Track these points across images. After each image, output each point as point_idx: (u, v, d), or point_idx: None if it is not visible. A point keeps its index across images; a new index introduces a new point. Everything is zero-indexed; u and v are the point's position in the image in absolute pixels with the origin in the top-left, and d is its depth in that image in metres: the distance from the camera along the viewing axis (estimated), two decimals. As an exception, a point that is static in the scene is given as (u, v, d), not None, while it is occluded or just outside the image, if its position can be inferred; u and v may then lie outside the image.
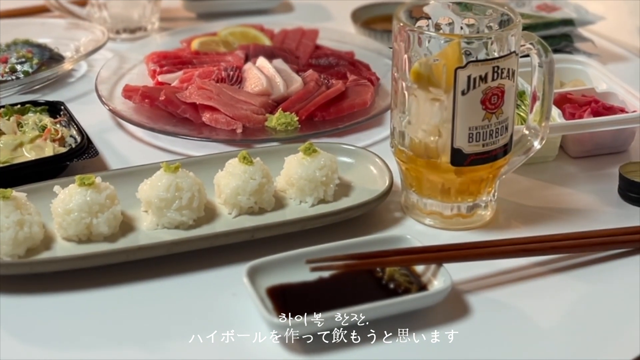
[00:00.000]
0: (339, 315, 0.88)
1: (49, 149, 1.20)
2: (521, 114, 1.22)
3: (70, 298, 0.97)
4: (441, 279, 0.94)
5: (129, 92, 1.40)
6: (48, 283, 0.98)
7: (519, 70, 1.04)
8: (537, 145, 1.10)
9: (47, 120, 1.28)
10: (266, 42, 1.60)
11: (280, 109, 1.35)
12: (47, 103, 1.33)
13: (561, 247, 1.02)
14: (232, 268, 1.01)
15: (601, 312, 0.95)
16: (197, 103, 1.34)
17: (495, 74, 0.99)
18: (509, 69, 1.00)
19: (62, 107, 1.32)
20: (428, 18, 1.06)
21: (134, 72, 1.53)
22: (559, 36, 1.59)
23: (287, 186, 1.12)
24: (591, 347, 0.90)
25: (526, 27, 1.04)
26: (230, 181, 1.08)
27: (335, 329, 0.90)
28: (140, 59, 1.56)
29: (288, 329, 0.88)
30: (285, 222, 1.05)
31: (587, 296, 0.98)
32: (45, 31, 1.68)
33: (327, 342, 0.89)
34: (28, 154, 1.20)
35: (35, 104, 1.33)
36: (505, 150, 1.05)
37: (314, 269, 0.93)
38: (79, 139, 1.23)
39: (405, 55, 1.01)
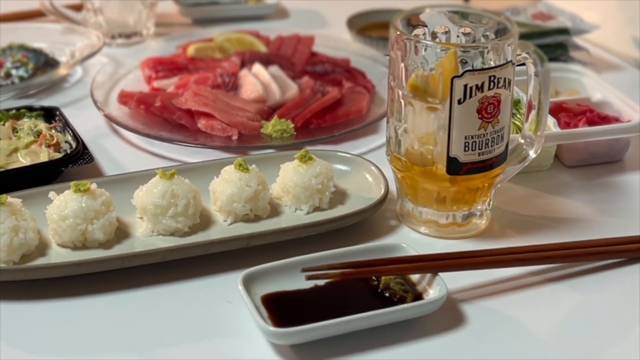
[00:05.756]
0: (334, 324, 0.88)
1: (44, 155, 1.20)
2: (517, 122, 1.22)
3: (65, 304, 0.97)
4: (436, 287, 0.94)
5: (125, 98, 1.40)
6: (43, 289, 0.98)
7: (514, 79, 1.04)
8: (532, 154, 1.10)
9: (42, 125, 1.27)
10: (262, 48, 1.60)
11: (276, 115, 1.35)
12: (43, 108, 1.33)
13: (556, 257, 1.02)
14: (227, 275, 1.01)
15: (596, 322, 0.95)
16: (193, 109, 1.34)
17: (492, 83, 0.99)
18: (505, 79, 1.00)
19: (58, 113, 1.32)
20: (424, 26, 1.06)
21: (129, 77, 1.53)
22: (553, 45, 1.59)
23: (283, 193, 1.12)
24: (586, 357, 0.90)
25: (522, 36, 1.04)
26: (226, 188, 1.07)
27: (330, 337, 0.89)
28: (135, 65, 1.56)
29: (283, 337, 0.88)
30: (280, 230, 1.05)
31: (583, 306, 0.98)
32: (40, 36, 1.68)
33: (321, 350, 0.89)
34: (23, 160, 1.19)
35: (30, 109, 1.33)
36: (500, 159, 1.05)
37: (309, 278, 0.93)
38: (74, 145, 1.23)
39: (402, 64, 1.02)
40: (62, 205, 1.02)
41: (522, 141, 1.10)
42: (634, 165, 1.26)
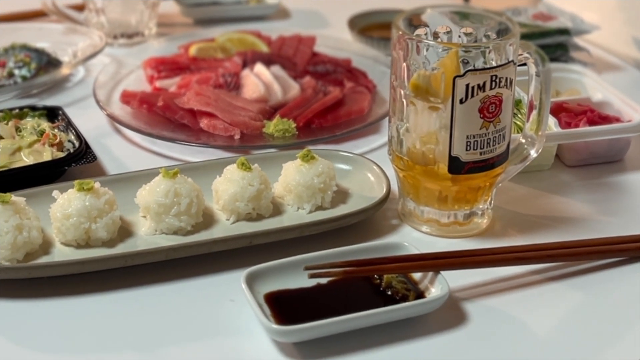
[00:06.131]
0: (337, 322, 0.88)
1: (47, 154, 1.20)
2: (517, 122, 1.22)
3: (69, 303, 0.97)
4: (438, 286, 0.94)
5: (127, 98, 1.40)
6: (46, 287, 0.99)
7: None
8: (533, 153, 1.10)
9: (45, 124, 1.28)
10: (263, 48, 1.61)
11: (278, 115, 1.36)
12: (45, 108, 1.34)
13: (557, 256, 1.02)
14: (230, 274, 1.01)
15: (597, 321, 0.96)
16: (195, 109, 1.35)
17: (493, 83, 1.00)
18: (506, 78, 1.01)
19: (60, 112, 1.32)
20: (426, 26, 1.07)
21: (131, 77, 1.53)
22: (554, 45, 1.59)
23: (285, 192, 1.12)
24: (587, 355, 0.90)
25: (522, 36, 1.05)
26: (229, 187, 1.08)
27: (333, 335, 0.90)
28: (137, 64, 1.57)
29: (286, 335, 0.88)
30: (283, 229, 1.05)
31: (583, 304, 0.98)
32: (43, 36, 1.68)
33: (324, 348, 0.90)
34: (26, 159, 1.20)
35: (33, 108, 1.33)
36: (502, 158, 1.06)
37: (312, 276, 0.93)
38: (77, 144, 1.23)
39: (404, 64, 1.02)
40: (65, 204, 1.03)
41: (524, 141, 1.10)
42: (634, 165, 1.27)
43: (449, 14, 1.09)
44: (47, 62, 1.56)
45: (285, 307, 0.92)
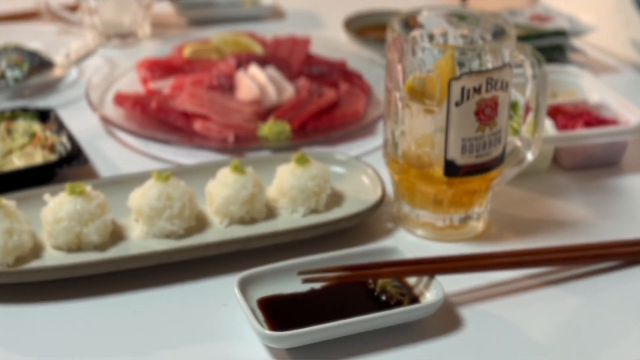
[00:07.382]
0: (330, 327, 0.88)
1: (38, 156, 1.19)
2: (514, 125, 1.21)
3: (60, 307, 0.96)
4: (433, 291, 0.93)
5: (121, 99, 1.39)
6: (37, 292, 0.98)
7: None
8: (529, 156, 1.09)
9: (37, 126, 1.27)
10: (258, 49, 1.60)
11: (273, 117, 1.35)
12: (38, 109, 1.32)
13: (554, 260, 1.02)
14: (223, 278, 1.00)
15: (594, 325, 0.95)
16: (189, 111, 1.34)
17: (489, 86, 0.99)
18: (502, 81, 1.00)
19: (53, 114, 1.31)
20: (422, 28, 1.06)
21: (124, 78, 1.52)
22: (551, 47, 1.59)
23: (279, 196, 1.11)
24: (584, 361, 0.90)
25: (519, 38, 1.04)
26: (222, 190, 1.07)
27: (326, 341, 0.89)
28: (131, 66, 1.56)
29: (279, 341, 0.87)
30: (276, 233, 1.04)
31: (580, 309, 0.98)
32: (35, 36, 1.67)
33: (317, 354, 0.89)
34: (17, 161, 1.19)
35: (25, 110, 1.32)
36: (498, 161, 1.05)
37: (305, 281, 0.92)
38: (69, 146, 1.22)
39: (399, 66, 1.01)
40: (56, 207, 1.02)
41: (520, 144, 1.10)
42: (631, 168, 1.26)
43: (445, 16, 1.08)
44: (40, 63, 1.55)
45: (278, 313, 0.91)
